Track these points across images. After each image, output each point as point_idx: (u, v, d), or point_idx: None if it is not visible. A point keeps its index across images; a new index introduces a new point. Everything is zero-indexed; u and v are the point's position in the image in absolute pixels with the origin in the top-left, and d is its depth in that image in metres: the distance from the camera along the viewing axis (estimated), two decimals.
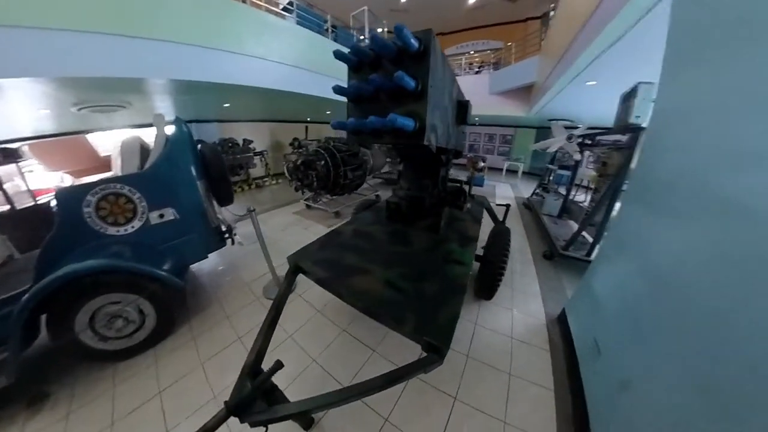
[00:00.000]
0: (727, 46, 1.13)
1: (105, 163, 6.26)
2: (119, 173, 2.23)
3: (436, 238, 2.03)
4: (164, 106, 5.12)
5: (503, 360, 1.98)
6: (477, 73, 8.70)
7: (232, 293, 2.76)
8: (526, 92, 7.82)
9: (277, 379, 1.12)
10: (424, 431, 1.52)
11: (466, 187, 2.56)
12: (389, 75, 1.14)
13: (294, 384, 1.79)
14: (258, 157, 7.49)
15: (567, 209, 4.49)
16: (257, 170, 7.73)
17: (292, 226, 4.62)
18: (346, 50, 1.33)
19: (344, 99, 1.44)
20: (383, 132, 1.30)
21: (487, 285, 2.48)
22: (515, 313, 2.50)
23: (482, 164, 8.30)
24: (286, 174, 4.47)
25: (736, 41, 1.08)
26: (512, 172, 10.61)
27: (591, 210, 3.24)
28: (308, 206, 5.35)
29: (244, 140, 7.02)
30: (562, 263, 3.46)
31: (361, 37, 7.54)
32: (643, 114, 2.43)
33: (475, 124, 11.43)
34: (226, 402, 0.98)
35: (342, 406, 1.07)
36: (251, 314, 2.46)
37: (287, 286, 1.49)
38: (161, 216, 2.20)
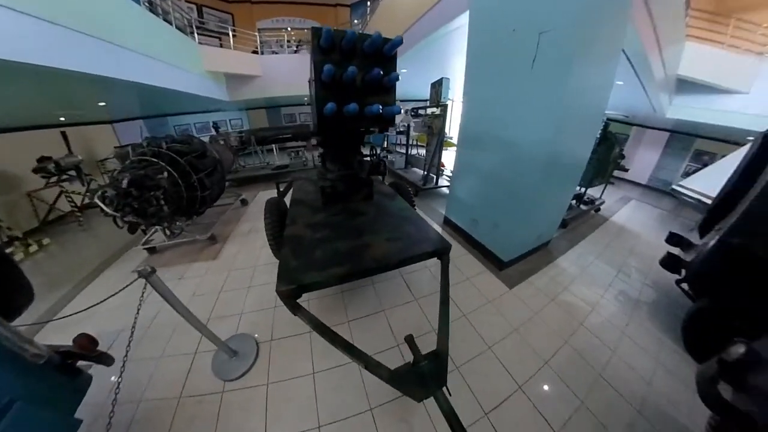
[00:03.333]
0: (491, 67, 2.68)
1: None
2: None
3: (374, 203, 2.37)
4: None
5: None
6: (296, 51, 8.85)
7: (176, 423, 1.66)
8: None
9: (359, 383, 1.49)
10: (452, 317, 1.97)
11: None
12: (380, 70, 1.57)
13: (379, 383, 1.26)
14: None
15: (410, 161, 6.51)
16: None
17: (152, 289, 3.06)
18: (327, 32, 1.49)
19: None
20: (366, 117, 1.66)
21: None
22: None
23: None
24: (103, 209, 2.58)
25: (496, 65, 2.63)
26: None
27: (430, 158, 5.17)
28: (152, 250, 3.52)
29: None
30: (424, 195, 5.36)
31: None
32: (445, 96, 4.27)
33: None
34: (431, 393, 1.05)
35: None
36: (230, 412, 1.71)
37: (306, 313, 1.32)
38: None
